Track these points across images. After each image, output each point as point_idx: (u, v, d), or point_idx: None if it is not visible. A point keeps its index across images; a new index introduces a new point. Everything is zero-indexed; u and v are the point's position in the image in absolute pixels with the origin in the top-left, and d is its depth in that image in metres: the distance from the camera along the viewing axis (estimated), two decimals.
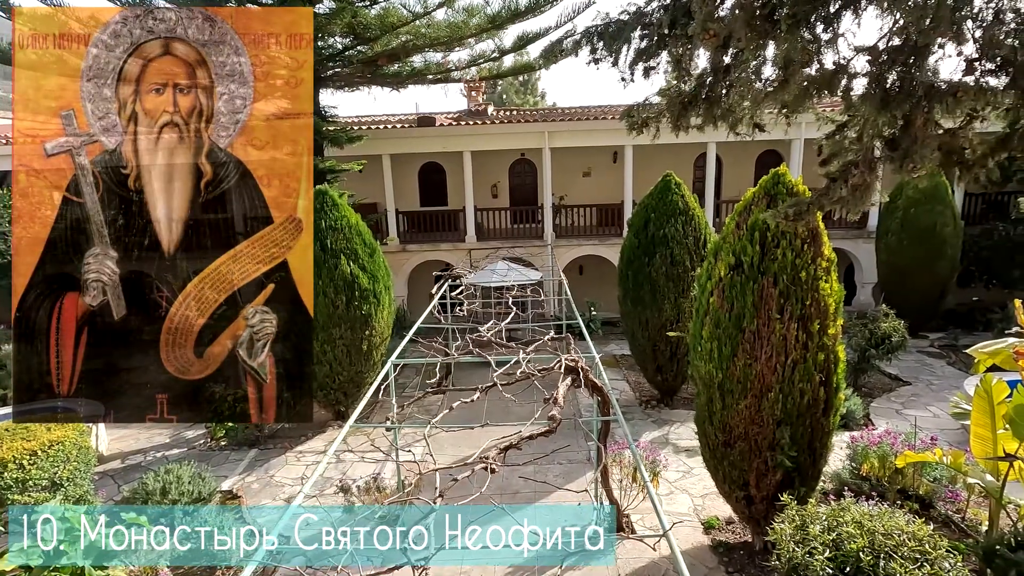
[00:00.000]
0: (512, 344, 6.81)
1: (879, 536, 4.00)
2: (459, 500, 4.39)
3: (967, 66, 2.84)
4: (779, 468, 5.65)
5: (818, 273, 5.48)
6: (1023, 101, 3.15)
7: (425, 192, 19.78)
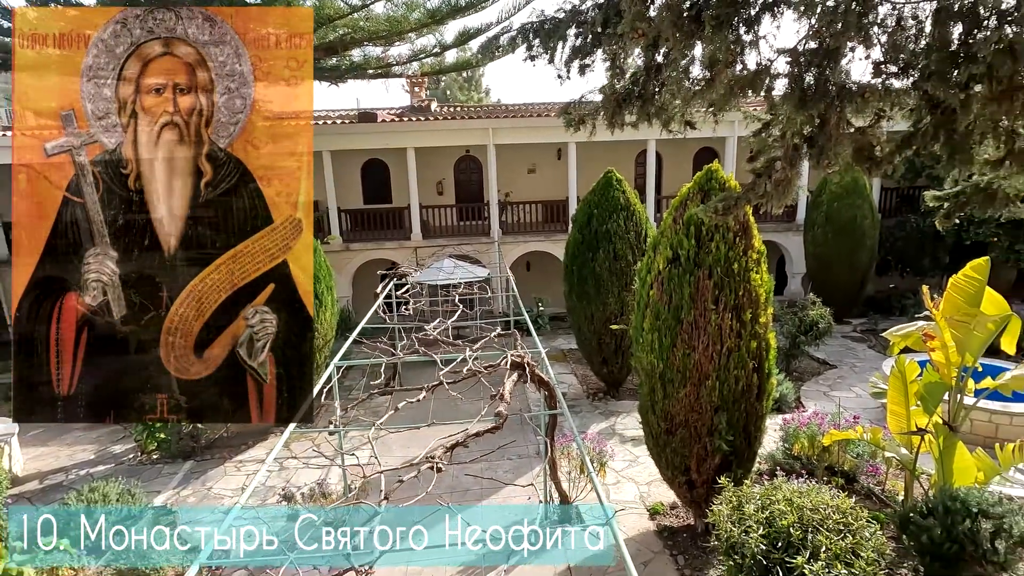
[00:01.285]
0: (459, 342, 6.78)
1: (807, 511, 4.24)
2: (408, 501, 4.34)
3: (874, 69, 3.05)
4: (717, 452, 5.89)
5: (749, 265, 5.75)
6: (925, 102, 3.42)
7: (368, 190, 19.36)
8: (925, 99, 3.46)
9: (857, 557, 3.92)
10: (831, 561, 3.86)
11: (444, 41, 12.37)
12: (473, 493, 7.69)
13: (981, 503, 4.76)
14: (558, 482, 6.83)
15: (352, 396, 10.35)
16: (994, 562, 4.52)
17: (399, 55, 13.00)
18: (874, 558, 3.93)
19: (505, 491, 7.64)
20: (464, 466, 8.39)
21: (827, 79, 2.93)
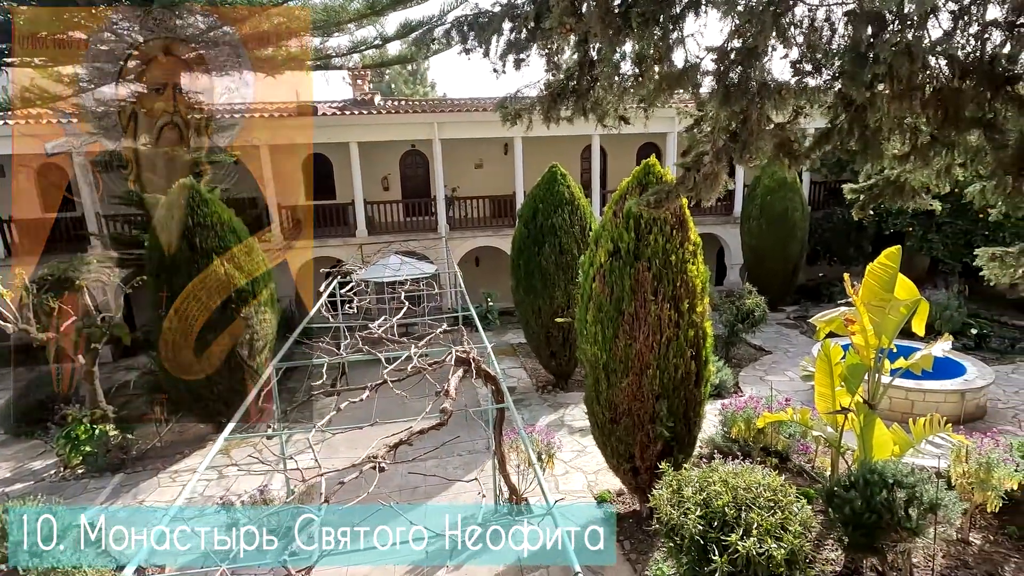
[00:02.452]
0: (404, 339, 6.69)
1: (740, 491, 4.44)
2: (354, 502, 4.27)
3: (792, 68, 3.20)
4: (659, 439, 6.09)
5: (686, 256, 5.94)
6: (840, 100, 3.62)
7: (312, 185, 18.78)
8: (840, 97, 3.67)
9: (786, 531, 4.15)
10: (762, 536, 4.06)
11: (385, 33, 12.11)
12: (422, 491, 7.63)
13: (896, 474, 5.12)
14: (507, 476, 6.86)
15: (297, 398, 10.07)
16: (907, 528, 4.88)
17: (338, 46, 12.62)
18: (800, 531, 4.16)
19: (455, 488, 7.62)
20: (413, 464, 8.31)
21: (749, 77, 3.06)
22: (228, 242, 8.49)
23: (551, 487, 7.58)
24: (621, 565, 6.00)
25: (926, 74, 3.30)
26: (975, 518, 6.24)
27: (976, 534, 6.10)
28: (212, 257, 8.28)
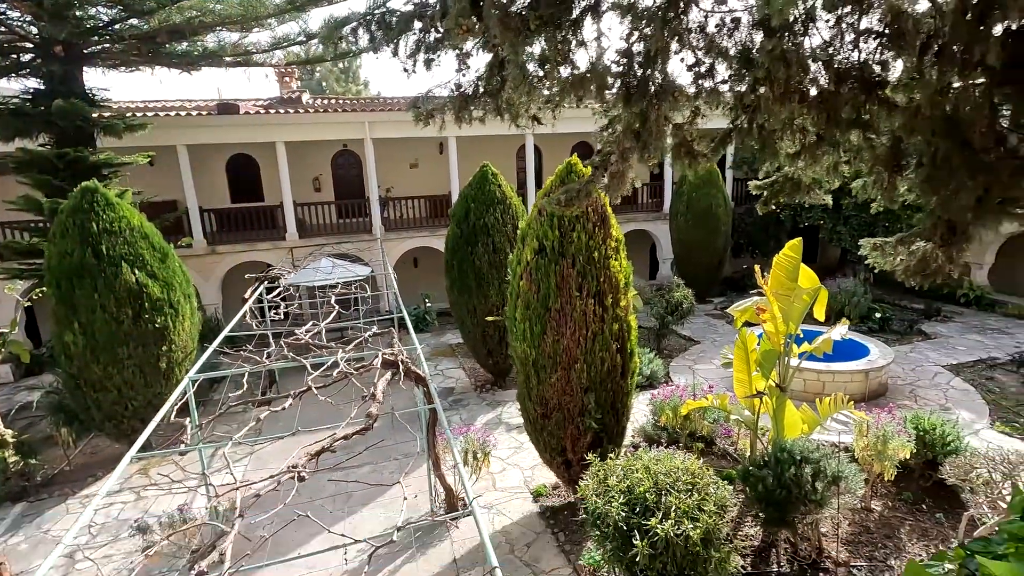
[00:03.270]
0: (332, 344, 6.52)
1: (660, 476, 4.63)
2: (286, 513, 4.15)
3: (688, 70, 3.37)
4: (589, 431, 6.24)
5: (608, 253, 6.12)
6: (739, 102, 3.83)
7: (237, 187, 17.97)
8: (738, 99, 3.89)
9: (702, 512, 4.36)
10: (680, 518, 4.25)
11: (308, 29, 11.74)
12: (357, 498, 7.48)
13: (803, 451, 5.49)
14: (442, 477, 6.84)
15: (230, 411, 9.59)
16: (814, 500, 5.24)
17: (259, 42, 12.12)
18: (715, 511, 4.39)
19: (392, 492, 7.52)
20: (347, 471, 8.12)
21: (648, 79, 3.19)
22: (139, 248, 7.98)
23: (489, 485, 7.62)
24: (556, 556, 6.11)
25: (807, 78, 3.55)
26: (876, 487, 6.77)
27: (877, 501, 6.62)
28: (121, 265, 7.76)
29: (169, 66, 12.67)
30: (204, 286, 15.45)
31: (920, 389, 9.83)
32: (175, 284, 8.32)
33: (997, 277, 15.75)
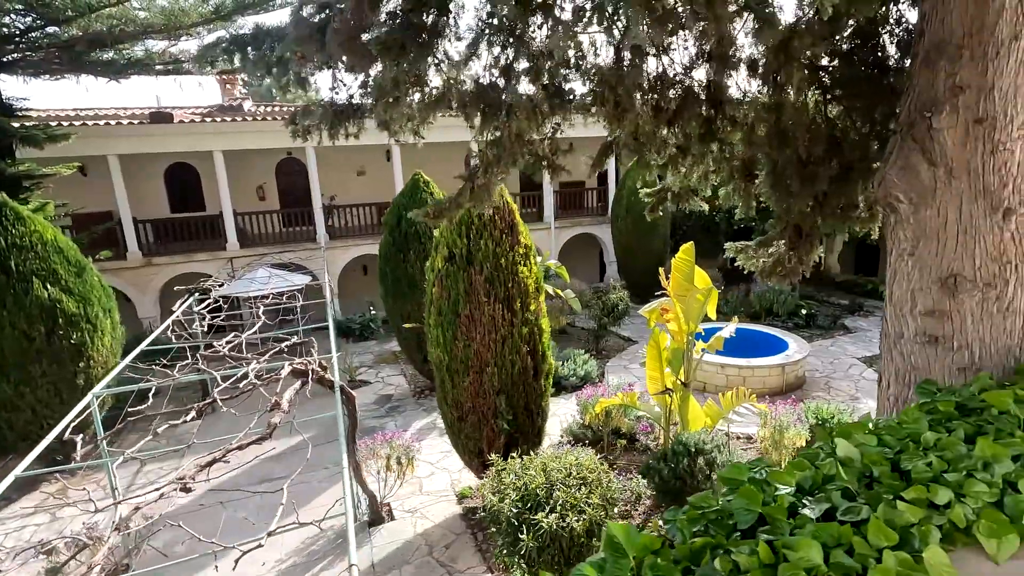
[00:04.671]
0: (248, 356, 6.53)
1: (553, 473, 4.83)
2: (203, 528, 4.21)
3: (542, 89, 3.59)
4: (502, 432, 6.43)
5: (516, 259, 6.33)
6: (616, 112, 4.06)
7: (177, 197, 17.59)
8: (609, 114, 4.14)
9: (588, 505, 4.58)
10: (565, 512, 4.46)
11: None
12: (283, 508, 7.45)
13: (698, 444, 5.81)
14: (363, 484, 6.92)
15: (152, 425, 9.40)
16: (705, 489, 5.55)
17: (188, 51, 11.96)
18: (600, 504, 4.62)
19: (317, 501, 7.55)
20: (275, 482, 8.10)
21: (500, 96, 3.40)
22: (52, 263, 7.79)
23: (416, 489, 7.73)
24: (473, 556, 6.27)
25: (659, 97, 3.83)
26: None
27: None
28: (32, 280, 7.57)
29: (95, 74, 12.37)
30: (141, 299, 15.09)
31: (835, 381, 10.39)
32: (93, 299, 8.16)
33: None
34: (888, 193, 3.18)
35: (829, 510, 1.49)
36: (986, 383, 2.40)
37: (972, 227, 2.92)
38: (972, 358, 3.02)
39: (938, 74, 2.95)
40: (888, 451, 1.79)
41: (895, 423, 1.98)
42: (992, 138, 2.79)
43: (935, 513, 1.43)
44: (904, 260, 3.20)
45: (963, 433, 1.84)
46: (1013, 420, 1.87)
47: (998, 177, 2.82)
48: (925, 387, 2.45)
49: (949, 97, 2.89)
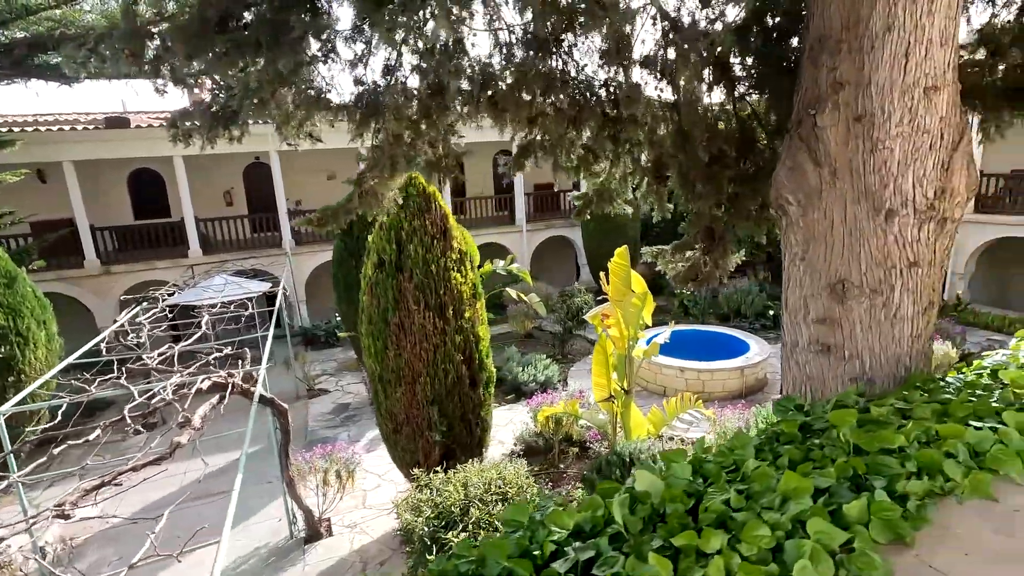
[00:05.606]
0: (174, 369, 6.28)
1: (471, 489, 4.64)
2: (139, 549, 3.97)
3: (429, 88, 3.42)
4: (437, 444, 6.22)
5: (449, 265, 6.14)
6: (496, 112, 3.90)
7: (140, 203, 17.23)
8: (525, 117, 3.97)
9: None
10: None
11: None
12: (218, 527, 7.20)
13: (633, 452, 5.64)
14: (298, 499, 6.68)
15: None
16: None
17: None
18: None
19: (259, 515, 7.31)
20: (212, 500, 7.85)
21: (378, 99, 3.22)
22: None
23: (358, 502, 7.50)
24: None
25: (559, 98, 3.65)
26: None
27: None
28: None
29: (45, 79, 12.06)
30: (100, 308, 14.74)
31: None
32: (24, 311, 7.87)
33: None
34: (778, 194, 3.02)
35: (591, 559, 1.31)
36: (851, 398, 2.24)
37: (857, 230, 2.77)
38: (863, 367, 2.86)
39: (820, 69, 2.80)
40: (700, 483, 1.61)
41: (726, 448, 1.81)
42: (871, 136, 2.64)
43: (695, 567, 1.25)
44: (796, 265, 3.04)
45: (787, 460, 1.67)
46: (844, 445, 1.70)
47: (879, 177, 2.66)
48: (782, 404, 2.28)
49: (830, 93, 2.74)
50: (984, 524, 1.40)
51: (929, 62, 2.52)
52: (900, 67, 2.53)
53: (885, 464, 1.56)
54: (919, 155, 2.61)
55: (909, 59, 2.51)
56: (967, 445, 1.67)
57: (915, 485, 1.45)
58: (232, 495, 4.10)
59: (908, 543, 1.35)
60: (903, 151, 2.60)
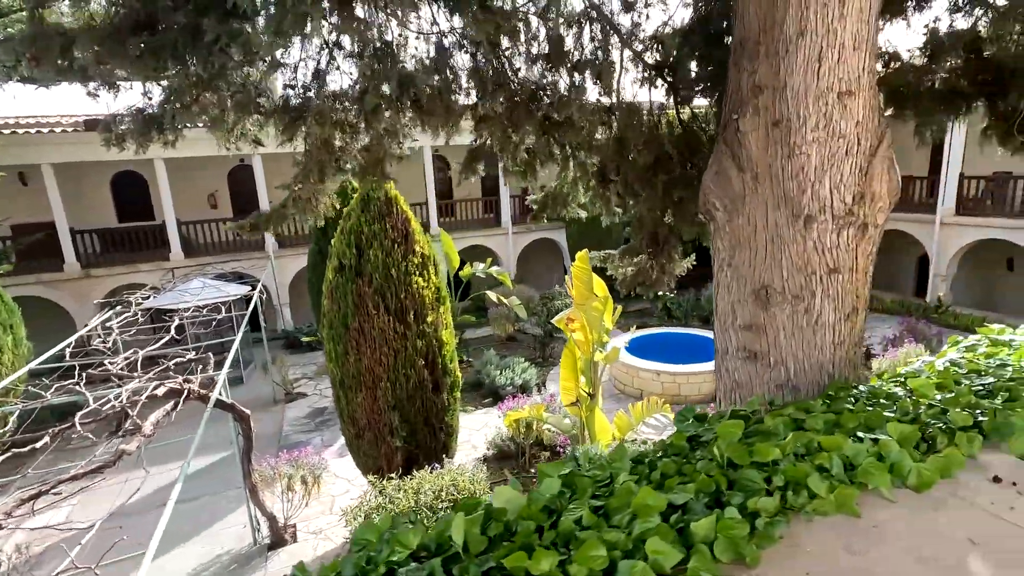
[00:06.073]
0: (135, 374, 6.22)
1: (422, 496, 4.59)
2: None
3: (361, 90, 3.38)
4: (399, 450, 6.17)
5: (410, 269, 6.09)
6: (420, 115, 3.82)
7: (123, 206, 17.16)
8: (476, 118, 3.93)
9: None
10: None
11: None
12: (183, 534, 7.15)
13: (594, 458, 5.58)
14: (261, 505, 6.62)
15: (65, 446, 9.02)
16: None
17: None
18: None
19: (219, 524, 7.25)
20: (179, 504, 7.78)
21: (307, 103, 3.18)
22: None
23: (325, 508, 7.43)
24: None
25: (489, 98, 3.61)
26: None
27: None
28: None
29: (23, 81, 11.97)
30: (79, 312, 14.64)
31: None
32: None
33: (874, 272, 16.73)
34: (706, 200, 2.99)
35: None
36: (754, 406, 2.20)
37: (778, 236, 2.73)
38: (787, 375, 2.83)
39: (742, 73, 2.77)
40: (564, 497, 1.57)
41: (605, 461, 1.77)
42: (788, 141, 2.61)
43: None
44: (724, 271, 3.01)
45: (660, 475, 1.63)
46: (719, 459, 1.66)
47: (796, 183, 2.63)
48: (682, 415, 2.25)
49: (750, 97, 2.71)
50: (839, 541, 1.36)
51: (843, 67, 2.49)
52: (814, 72, 2.50)
53: (749, 479, 1.52)
54: (835, 160, 2.57)
55: (822, 64, 2.48)
56: (844, 458, 1.63)
57: (766, 502, 1.41)
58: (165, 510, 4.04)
59: (749, 563, 1.31)
60: (819, 156, 2.57)
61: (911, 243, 15.47)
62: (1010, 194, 13.44)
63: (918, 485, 1.55)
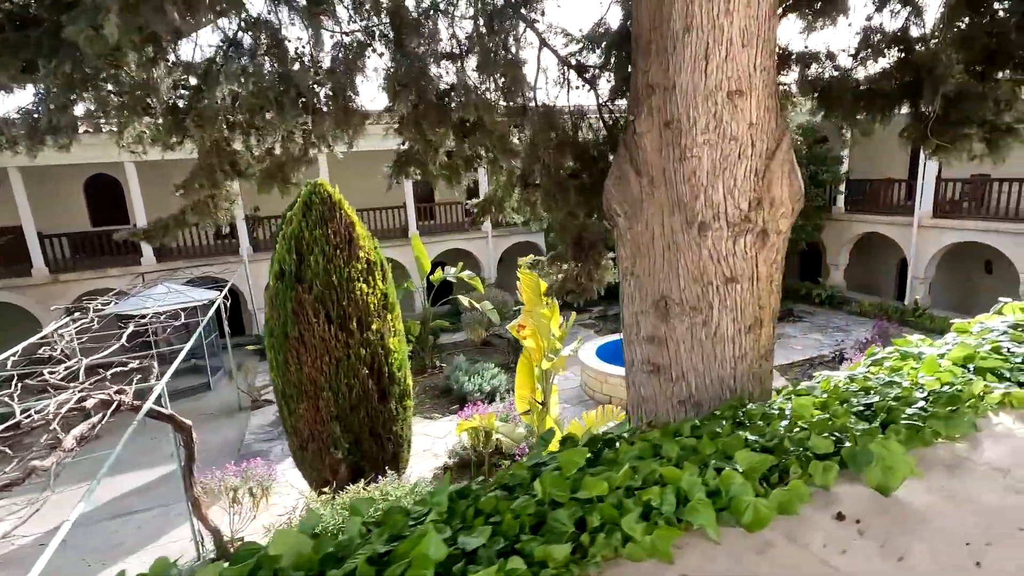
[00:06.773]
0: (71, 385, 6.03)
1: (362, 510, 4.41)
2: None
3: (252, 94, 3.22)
4: (343, 461, 6.00)
5: (354, 276, 5.93)
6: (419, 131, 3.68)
7: (97, 209, 16.94)
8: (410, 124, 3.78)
9: None
10: None
11: None
12: (127, 547, 6.95)
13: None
14: (204, 519, 6.42)
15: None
16: None
17: None
18: None
19: (166, 537, 7.05)
20: (129, 517, 7.60)
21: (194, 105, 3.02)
22: None
23: (279, 520, 7.24)
24: None
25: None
26: None
27: None
28: None
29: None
30: (48, 318, 14.39)
31: None
32: None
33: (852, 276, 16.66)
34: (608, 205, 2.84)
35: None
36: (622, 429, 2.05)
37: (674, 243, 2.58)
38: (689, 389, 2.68)
39: (638, 72, 2.62)
40: (363, 539, 1.42)
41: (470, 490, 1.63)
42: (680, 143, 2.46)
43: None
44: (628, 280, 2.86)
45: (474, 512, 1.47)
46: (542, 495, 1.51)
47: (689, 187, 2.48)
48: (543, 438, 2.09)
49: (644, 97, 2.56)
50: None
51: (731, 64, 2.34)
52: (701, 70, 2.35)
53: (556, 520, 1.36)
54: (728, 164, 2.43)
55: (709, 61, 2.34)
56: (680, 492, 1.48)
57: (555, 549, 1.26)
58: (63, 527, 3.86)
59: None
60: (711, 159, 2.42)
61: (892, 246, 15.38)
62: (987, 197, 13.37)
63: (751, 524, 1.39)
